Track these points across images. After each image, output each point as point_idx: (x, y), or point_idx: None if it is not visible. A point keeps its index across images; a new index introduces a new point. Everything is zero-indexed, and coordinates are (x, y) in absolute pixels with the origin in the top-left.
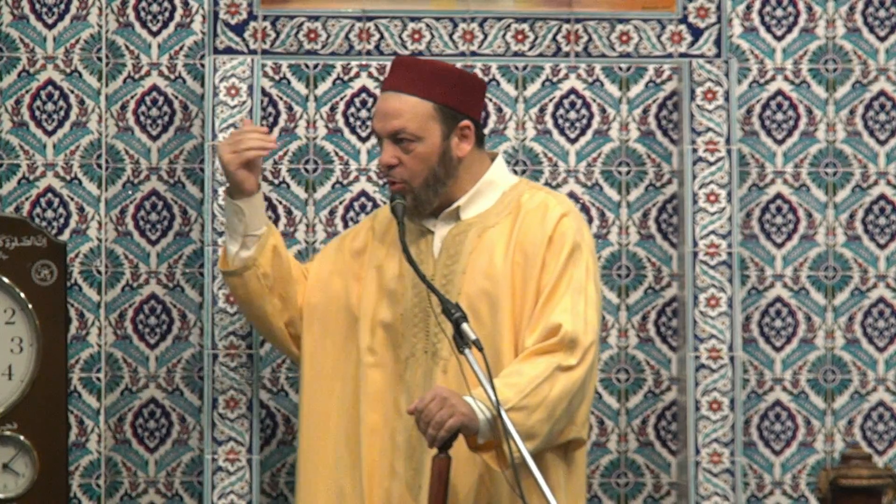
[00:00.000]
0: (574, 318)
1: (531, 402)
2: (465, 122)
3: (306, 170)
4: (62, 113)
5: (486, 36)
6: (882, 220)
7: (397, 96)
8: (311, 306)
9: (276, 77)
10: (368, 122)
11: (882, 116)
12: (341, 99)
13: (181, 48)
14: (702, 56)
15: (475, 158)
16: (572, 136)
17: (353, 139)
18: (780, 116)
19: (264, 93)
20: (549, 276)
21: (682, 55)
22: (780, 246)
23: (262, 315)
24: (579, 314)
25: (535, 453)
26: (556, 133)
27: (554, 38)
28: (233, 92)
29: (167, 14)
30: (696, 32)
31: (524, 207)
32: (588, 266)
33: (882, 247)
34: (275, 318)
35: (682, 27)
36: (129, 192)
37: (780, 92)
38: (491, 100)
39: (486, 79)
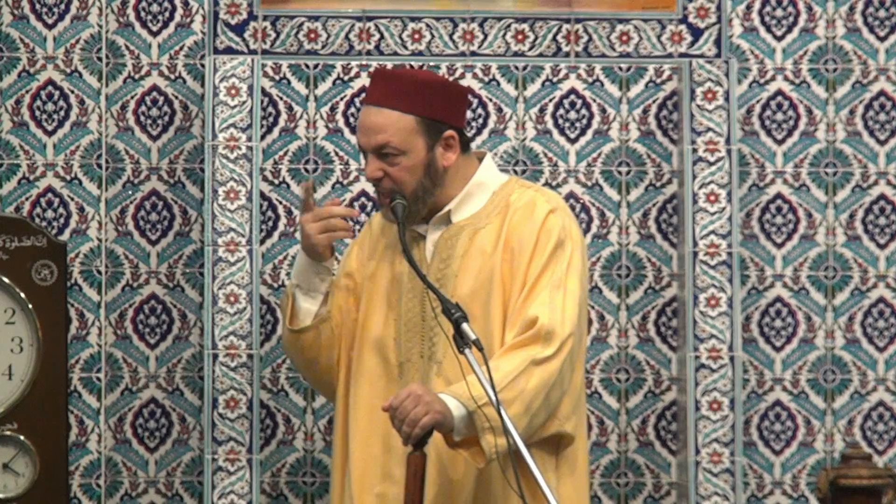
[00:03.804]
0: (551, 311)
1: (507, 396)
2: (449, 132)
3: (306, 170)
4: (62, 113)
5: (486, 36)
6: (882, 220)
7: (379, 111)
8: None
9: (277, 77)
10: None
11: (882, 116)
12: (341, 99)
13: (181, 48)
14: (702, 56)
15: (461, 164)
16: (572, 136)
17: (353, 139)
18: (780, 116)
19: (264, 93)
20: (532, 272)
21: (682, 55)
22: (780, 246)
23: (329, 363)
24: (557, 307)
25: (514, 448)
26: (556, 133)
27: (554, 38)
28: (233, 92)
29: (167, 14)
30: (696, 32)
31: (512, 206)
32: (571, 261)
33: (882, 247)
34: (335, 366)
35: (682, 27)
36: (130, 192)
37: (780, 92)
38: (491, 100)
39: (486, 79)
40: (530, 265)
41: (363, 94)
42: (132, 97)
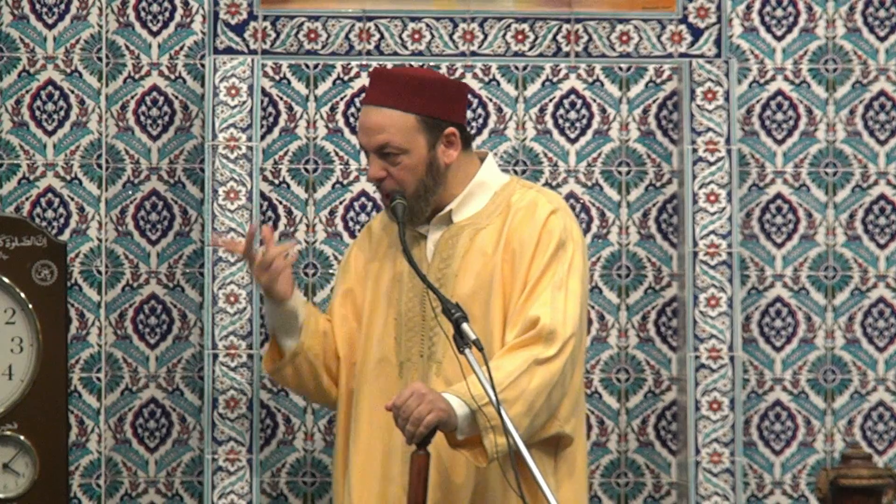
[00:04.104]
0: (553, 311)
1: (509, 396)
2: (450, 130)
3: (306, 170)
4: (62, 113)
5: (486, 36)
6: (882, 220)
7: (378, 110)
8: (341, 339)
9: (277, 77)
10: None
11: (882, 116)
12: (341, 99)
13: (181, 48)
14: (702, 56)
15: (463, 161)
16: (572, 136)
17: (354, 139)
18: (780, 116)
19: (264, 93)
20: (533, 273)
21: (682, 55)
22: (780, 246)
23: (318, 388)
24: (558, 308)
25: (514, 448)
26: (556, 133)
27: (554, 38)
28: (233, 92)
29: (167, 14)
30: (696, 32)
31: (514, 206)
32: (573, 262)
33: (882, 247)
34: (329, 386)
35: (682, 27)
36: (130, 192)
37: (780, 92)
38: (491, 100)
39: (486, 79)
40: (531, 266)
41: (363, 95)
42: (132, 97)
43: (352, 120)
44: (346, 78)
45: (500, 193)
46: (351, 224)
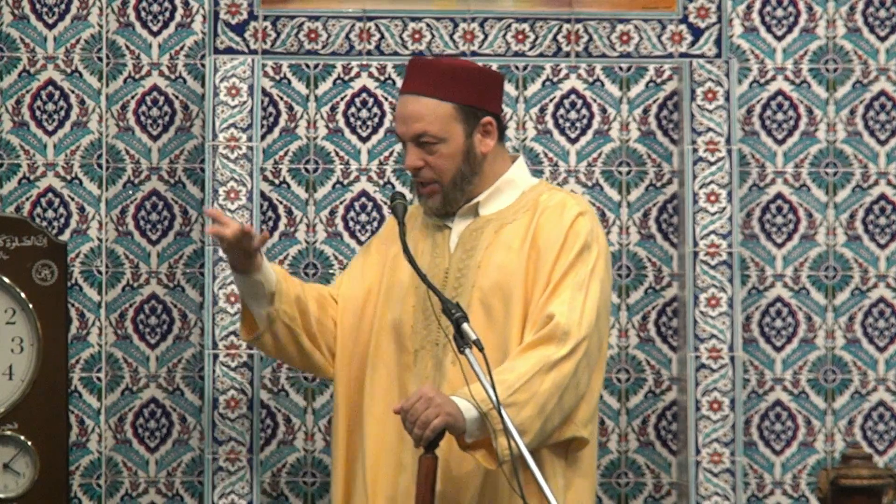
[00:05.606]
0: (570, 310)
1: (520, 399)
2: (487, 119)
3: (306, 170)
4: (62, 113)
5: (486, 36)
6: (882, 220)
7: (416, 99)
8: (343, 328)
9: (277, 77)
10: (369, 122)
11: (882, 116)
12: (342, 99)
13: (181, 48)
14: (702, 56)
15: (498, 154)
16: (573, 136)
17: (354, 139)
18: (780, 116)
19: (265, 93)
20: (556, 272)
21: (682, 55)
22: (780, 246)
23: (300, 353)
24: (576, 308)
25: (529, 450)
26: (556, 133)
27: (554, 38)
28: (233, 92)
29: (167, 14)
30: (697, 32)
31: (542, 205)
32: (596, 266)
33: (882, 247)
34: (312, 349)
35: (683, 27)
36: (130, 192)
37: (780, 92)
38: None
39: None
40: (555, 265)
41: (364, 94)
42: (132, 97)
43: (352, 120)
44: (346, 78)
45: (528, 193)
46: (351, 224)
